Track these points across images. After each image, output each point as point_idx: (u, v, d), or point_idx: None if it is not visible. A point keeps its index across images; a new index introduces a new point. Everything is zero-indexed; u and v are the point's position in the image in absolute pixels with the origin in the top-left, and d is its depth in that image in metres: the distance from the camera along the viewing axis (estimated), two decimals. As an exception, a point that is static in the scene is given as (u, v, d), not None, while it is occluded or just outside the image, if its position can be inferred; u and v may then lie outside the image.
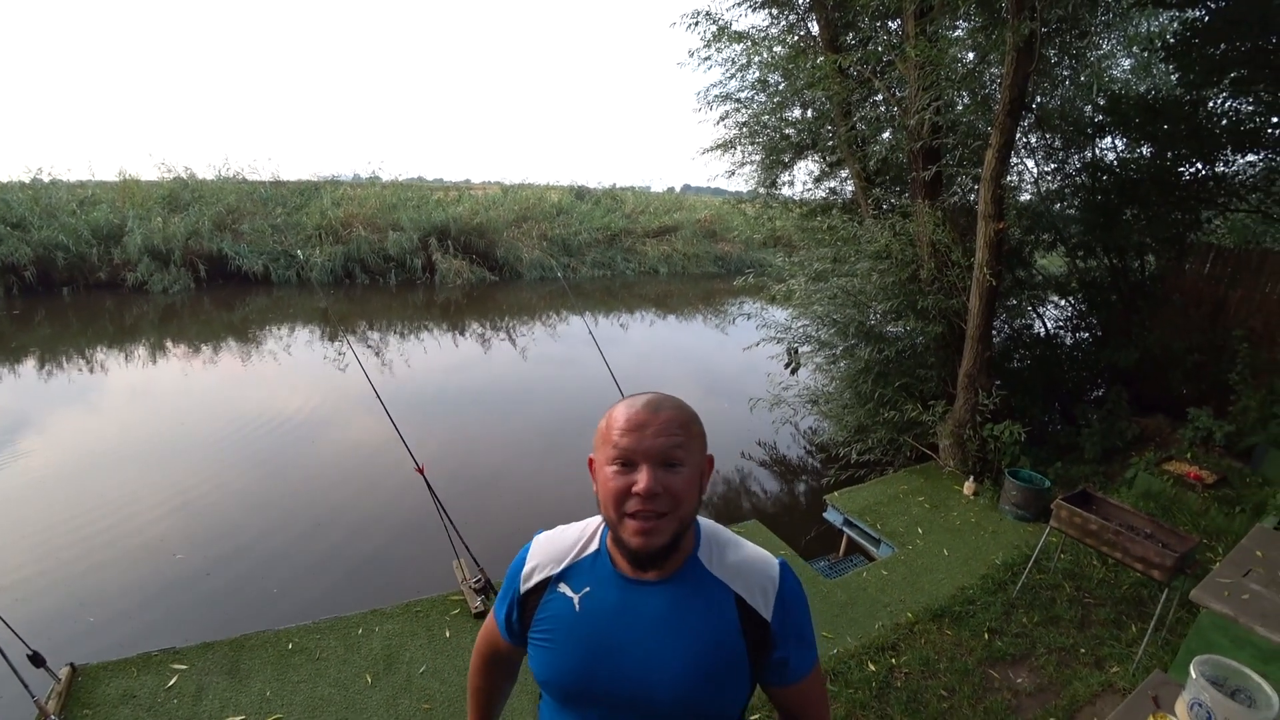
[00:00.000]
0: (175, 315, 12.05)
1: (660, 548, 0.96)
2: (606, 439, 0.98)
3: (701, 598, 1.03)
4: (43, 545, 4.61)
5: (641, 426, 0.96)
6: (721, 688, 1.02)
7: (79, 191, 15.01)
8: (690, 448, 0.98)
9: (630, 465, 0.95)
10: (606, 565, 1.05)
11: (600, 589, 1.04)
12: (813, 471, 6.79)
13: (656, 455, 0.95)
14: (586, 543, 1.09)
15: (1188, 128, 5.69)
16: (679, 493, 0.95)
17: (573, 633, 1.03)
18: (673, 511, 0.95)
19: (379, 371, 9.08)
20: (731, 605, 1.03)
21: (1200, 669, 1.75)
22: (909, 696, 2.99)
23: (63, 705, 2.73)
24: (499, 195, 20.11)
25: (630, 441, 0.95)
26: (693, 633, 1.01)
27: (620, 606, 1.02)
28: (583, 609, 1.03)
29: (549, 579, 1.07)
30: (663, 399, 1.01)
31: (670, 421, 0.97)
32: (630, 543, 0.96)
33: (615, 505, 0.96)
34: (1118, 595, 3.78)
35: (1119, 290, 6.72)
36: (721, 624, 1.02)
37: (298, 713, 2.81)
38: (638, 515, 0.94)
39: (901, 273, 5.70)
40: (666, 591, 1.02)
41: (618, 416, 0.99)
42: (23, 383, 8.22)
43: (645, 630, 1.01)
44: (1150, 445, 5.53)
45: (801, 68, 6.34)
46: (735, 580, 1.04)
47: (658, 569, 1.02)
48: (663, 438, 0.95)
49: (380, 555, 4.73)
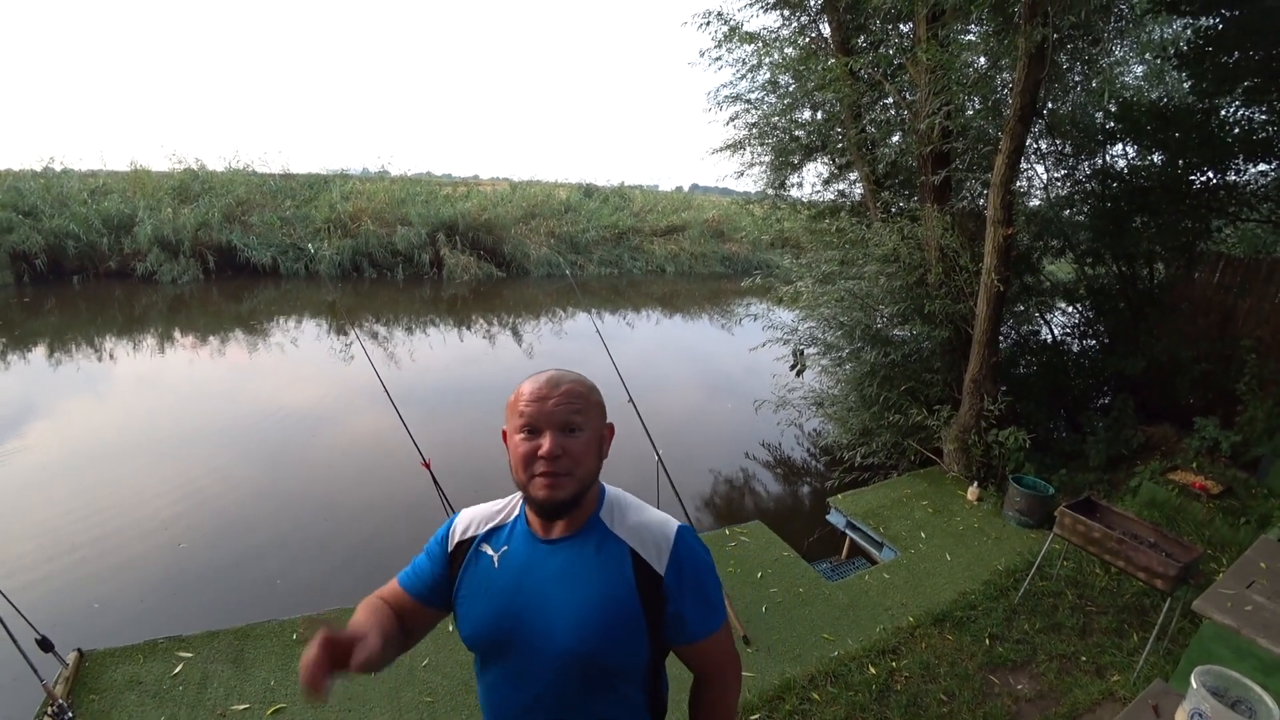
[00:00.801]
0: (184, 305, 12.12)
1: (563, 500, 1.07)
2: (515, 410, 1.10)
3: (601, 553, 1.13)
4: (50, 532, 4.66)
5: (544, 398, 1.08)
6: (617, 638, 1.10)
7: (90, 181, 15.13)
8: (588, 414, 1.11)
9: (535, 432, 1.07)
10: (523, 527, 1.18)
11: (516, 547, 1.16)
12: (816, 474, 6.79)
13: (557, 422, 1.07)
14: (509, 511, 1.22)
15: (1199, 136, 5.67)
16: (577, 454, 1.08)
17: (491, 586, 1.13)
18: (572, 471, 1.07)
19: (386, 365, 9.12)
20: (628, 560, 1.12)
21: (1201, 679, 1.75)
22: (909, 700, 2.99)
23: (70, 690, 2.77)
24: (507, 192, 20.14)
25: (534, 410, 1.07)
26: (591, 583, 1.10)
27: (530, 562, 1.13)
28: (500, 565, 1.15)
29: (474, 538, 1.19)
30: (563, 374, 1.13)
31: (568, 393, 1.10)
32: (537, 496, 1.07)
33: (524, 467, 1.07)
34: (1120, 604, 3.78)
35: (1127, 298, 6.69)
36: (617, 577, 1.11)
37: (301, 703, 2.83)
38: (543, 474, 1.06)
39: (909, 276, 5.70)
40: (570, 547, 1.13)
41: (524, 391, 1.11)
42: (32, 370, 8.29)
43: (550, 582, 1.11)
44: (1156, 454, 5.51)
45: (812, 69, 6.34)
46: (632, 538, 1.14)
47: (563, 522, 1.13)
48: (562, 406, 1.08)
49: (385, 548, 4.75)
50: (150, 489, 5.37)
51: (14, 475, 5.45)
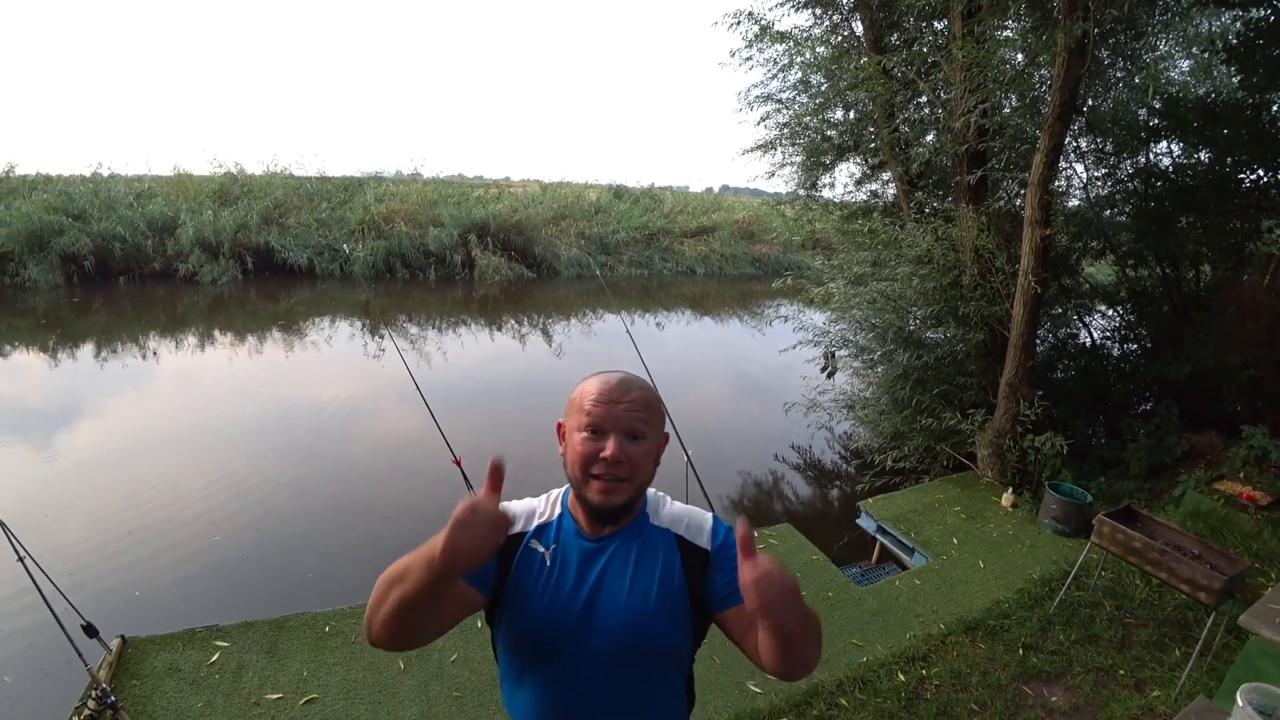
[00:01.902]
0: (223, 305, 12.45)
1: (618, 506, 1.08)
2: (580, 407, 1.09)
3: (647, 543, 1.15)
4: (96, 523, 4.82)
5: (614, 401, 1.07)
6: (668, 619, 1.11)
7: (136, 185, 15.63)
8: (652, 423, 1.11)
9: (599, 433, 1.06)
10: (571, 525, 1.17)
11: (565, 547, 1.15)
12: (846, 477, 6.71)
13: (624, 427, 1.06)
14: (550, 509, 1.21)
15: (1249, 132, 5.47)
16: (638, 461, 1.07)
17: (543, 586, 1.11)
18: (631, 478, 1.07)
19: (418, 364, 9.25)
20: (673, 544, 1.16)
21: (1248, 697, 1.69)
22: (939, 709, 2.94)
23: (113, 675, 2.86)
24: (538, 193, 20.28)
25: (603, 412, 1.06)
26: (641, 572, 1.12)
27: (581, 559, 1.13)
28: (551, 562, 1.13)
29: (523, 533, 1.17)
30: (633, 379, 1.13)
31: (638, 400, 1.09)
32: (593, 500, 1.07)
33: (583, 467, 1.07)
34: (1161, 617, 3.66)
35: (1171, 301, 6.49)
36: (665, 561, 1.14)
37: (333, 694, 2.89)
38: (602, 477, 1.06)
39: (943, 278, 5.60)
40: (618, 542, 1.14)
41: (591, 389, 1.10)
42: (81, 367, 8.59)
43: (602, 576, 1.11)
44: (1200, 463, 5.33)
45: (845, 68, 6.27)
46: (675, 525, 1.18)
47: (613, 524, 1.13)
48: (631, 413, 1.07)
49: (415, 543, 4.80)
50: (190, 483, 5.53)
51: (63, 468, 5.66)
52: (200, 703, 2.79)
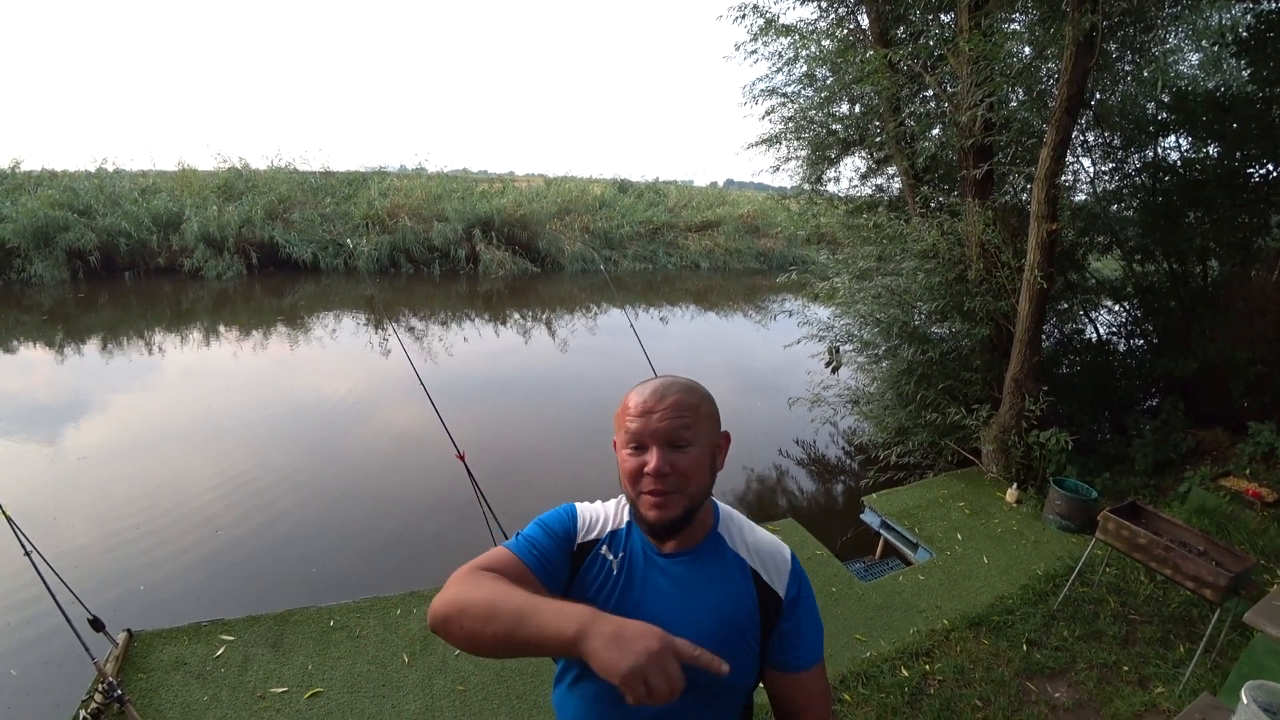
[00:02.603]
0: (228, 300, 12.49)
1: (673, 520, 1.02)
2: (621, 423, 1.06)
3: (722, 569, 1.10)
4: (101, 517, 4.85)
5: (650, 411, 1.02)
6: (733, 655, 1.02)
7: (140, 180, 15.68)
8: (698, 428, 1.03)
9: (642, 447, 1.02)
10: (639, 536, 1.12)
11: (632, 559, 1.10)
12: (851, 472, 6.70)
13: (664, 437, 1.01)
14: (619, 517, 1.16)
15: (1259, 126, 5.42)
16: (686, 471, 1.01)
17: (609, 595, 1.07)
18: (681, 489, 1.01)
19: (422, 359, 9.27)
20: (749, 579, 1.10)
21: (1253, 694, 1.68)
22: (942, 705, 2.94)
23: (120, 668, 2.88)
24: (542, 188, 20.28)
25: (639, 425, 1.02)
26: (713, 599, 1.07)
27: (649, 573, 1.09)
28: (619, 572, 1.09)
29: (598, 539, 1.12)
30: (670, 383, 1.06)
31: (676, 405, 1.02)
32: (646, 516, 1.02)
33: (631, 483, 1.03)
34: (1165, 613, 3.65)
35: (1178, 296, 6.45)
36: (740, 593, 1.09)
37: (337, 687, 2.90)
38: (650, 492, 1.01)
39: (948, 273, 5.58)
40: (691, 562, 1.09)
41: (630, 402, 1.06)
42: (87, 362, 8.63)
43: (671, 595, 1.07)
44: (1206, 459, 5.31)
45: (850, 62, 6.23)
46: (753, 557, 1.12)
47: (674, 540, 1.08)
48: (668, 421, 1.01)
49: (420, 538, 4.84)
50: (195, 477, 5.55)
51: (69, 463, 5.68)
52: (206, 696, 2.80)
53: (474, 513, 3.69)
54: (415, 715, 2.79)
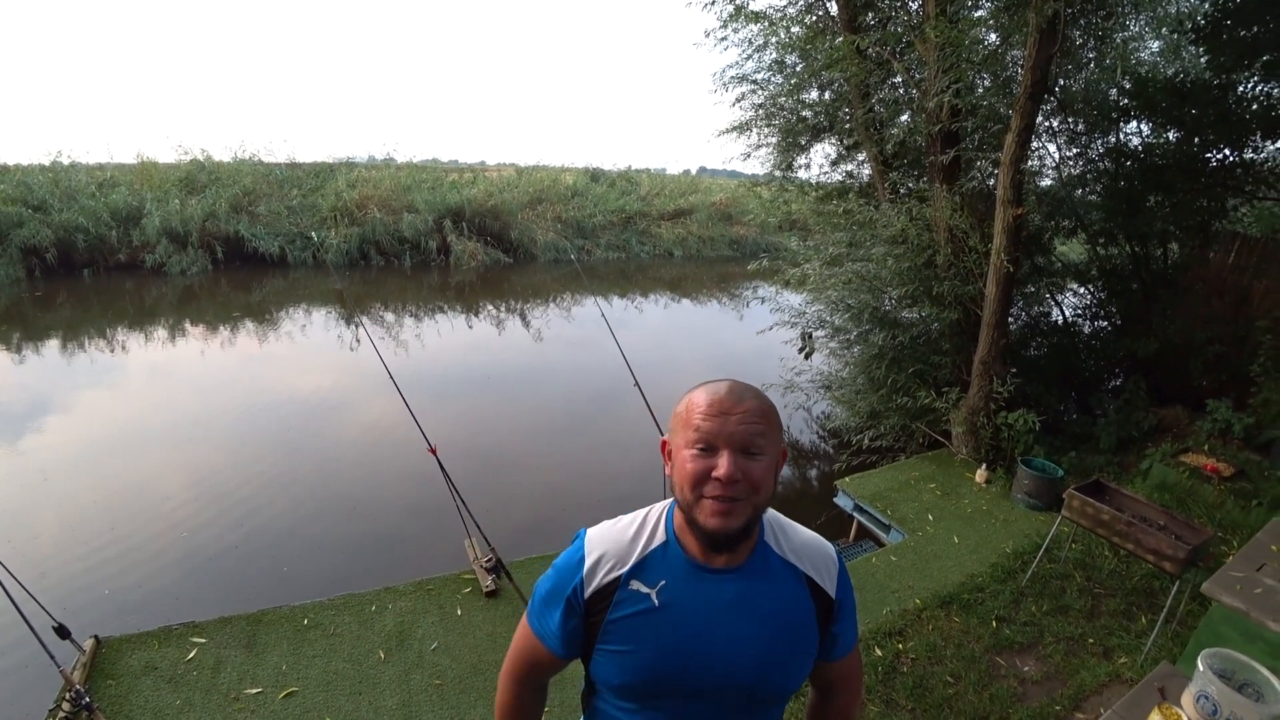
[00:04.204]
0: (193, 297, 12.19)
1: (736, 530, 0.95)
2: (688, 422, 0.98)
3: (776, 580, 1.06)
4: (64, 522, 4.73)
5: (725, 413, 0.96)
6: (796, 664, 1.06)
7: (98, 174, 15.14)
8: (769, 438, 0.98)
9: (711, 450, 0.95)
10: (679, 554, 1.04)
11: (676, 580, 1.02)
12: (824, 456, 6.78)
13: (738, 442, 0.94)
14: (651, 534, 1.07)
15: (1216, 113, 5.55)
16: (757, 480, 0.95)
17: (655, 629, 1.01)
18: (749, 497, 0.95)
19: (393, 353, 9.15)
20: (804, 586, 1.07)
21: (1208, 662, 1.74)
22: (915, 682, 3.00)
23: (87, 676, 2.82)
24: (514, 177, 20.05)
25: (713, 426, 0.95)
26: (772, 614, 1.03)
27: (699, 595, 1.02)
28: (662, 603, 1.01)
29: (619, 578, 1.03)
30: (745, 387, 1.01)
31: (753, 410, 0.97)
32: (707, 524, 0.95)
33: (693, 487, 0.95)
34: (1128, 586, 3.77)
35: (1140, 278, 6.61)
36: (797, 603, 1.06)
37: (313, 686, 2.87)
38: (717, 498, 0.94)
39: (917, 258, 5.64)
40: (743, 577, 1.03)
41: (699, 401, 0.98)
42: (46, 363, 8.37)
43: (727, 616, 1.01)
44: (1167, 437, 5.47)
45: (819, 48, 6.25)
46: (803, 562, 1.08)
47: (730, 553, 1.02)
48: (745, 425, 0.95)
49: (393, 534, 4.80)
50: (162, 479, 5.43)
51: (29, 467, 5.52)
52: (178, 700, 2.76)
53: (448, 506, 3.66)
54: (393, 711, 2.78)
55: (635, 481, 5.72)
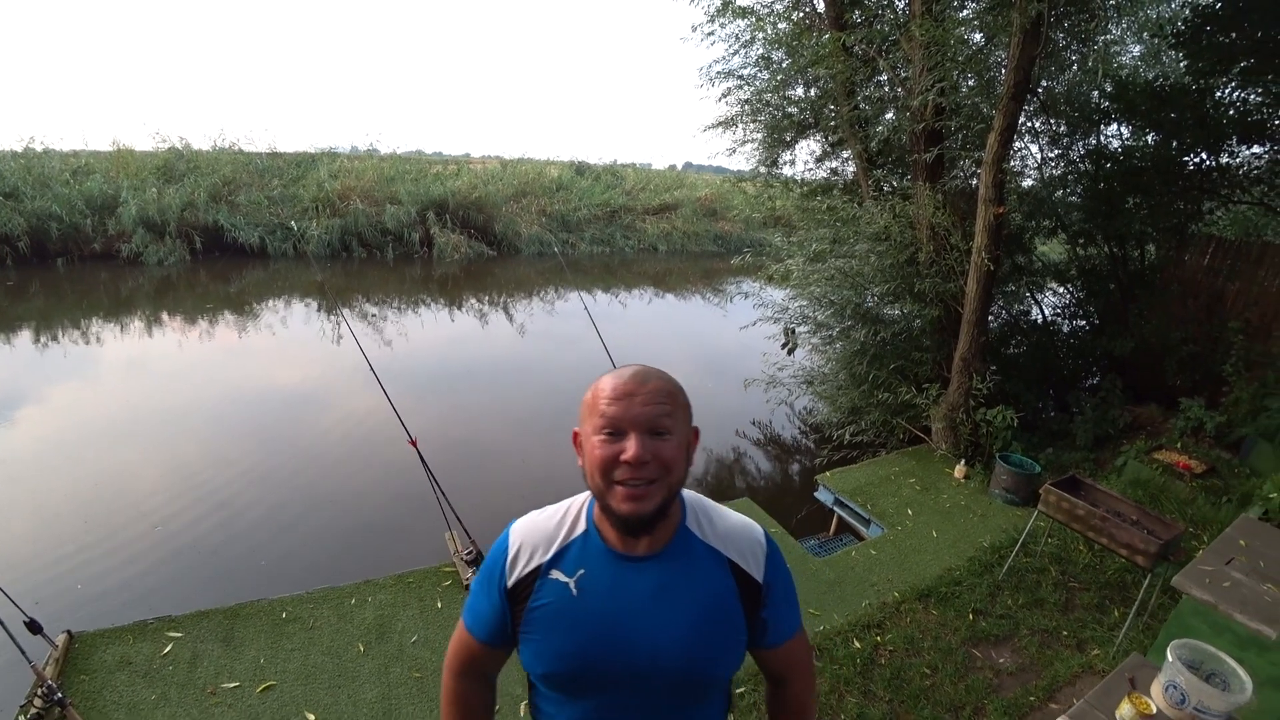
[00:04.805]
0: (171, 288, 11.99)
1: (650, 513, 0.95)
2: (594, 409, 0.98)
3: (698, 566, 1.05)
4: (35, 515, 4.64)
5: (629, 395, 0.95)
6: (723, 651, 1.05)
7: (72, 161, 14.80)
8: (677, 417, 0.98)
9: (618, 434, 0.94)
10: (598, 543, 1.04)
11: (596, 568, 1.03)
12: (806, 451, 6.83)
13: (644, 423, 0.94)
14: (572, 524, 1.07)
15: (1194, 117, 5.64)
16: (667, 460, 0.95)
17: (573, 617, 1.01)
18: (661, 479, 0.95)
19: (375, 346, 9.07)
20: (727, 570, 1.06)
21: (1177, 653, 1.78)
22: (892, 673, 3.04)
23: (60, 671, 2.77)
24: (498, 170, 19.94)
25: (618, 410, 0.95)
26: (694, 600, 1.03)
27: (619, 583, 1.02)
28: (580, 591, 1.01)
29: (539, 567, 1.04)
30: (649, 370, 1.00)
31: (658, 391, 0.97)
32: (620, 509, 0.95)
33: (604, 473, 0.95)
34: (1102, 580, 3.83)
35: (1118, 279, 6.71)
36: (720, 588, 1.05)
37: (291, 680, 2.85)
38: (627, 482, 0.93)
39: (900, 255, 5.69)
40: (664, 563, 1.03)
41: (605, 386, 0.98)
42: (17, 354, 8.20)
43: (647, 603, 1.01)
44: (1142, 434, 5.57)
45: (805, 45, 6.26)
46: (728, 547, 1.07)
47: (648, 536, 1.01)
48: (650, 406, 0.95)
49: (373, 527, 4.77)
50: (138, 473, 5.35)
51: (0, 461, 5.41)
52: (154, 695, 2.72)
53: (428, 499, 3.65)
54: (372, 704, 2.76)
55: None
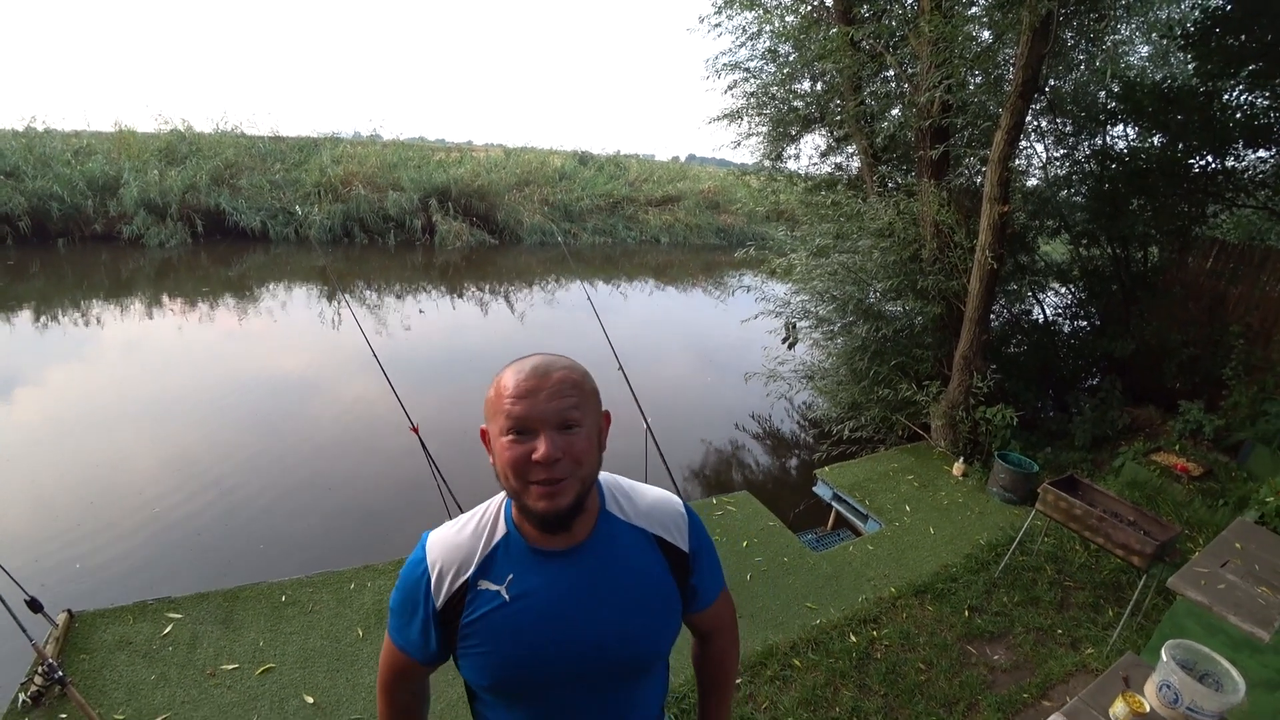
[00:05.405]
0: (172, 270, 11.97)
1: (566, 509, 0.93)
2: (498, 408, 0.94)
3: (625, 547, 1.05)
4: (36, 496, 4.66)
5: (533, 392, 0.92)
6: (663, 626, 1.07)
7: (74, 141, 14.75)
8: (585, 407, 0.96)
9: (527, 433, 0.91)
10: (520, 544, 1.02)
11: (524, 571, 1.00)
12: (805, 446, 6.84)
13: (552, 419, 0.91)
14: (491, 530, 1.04)
15: (1201, 119, 5.62)
16: (579, 454, 0.93)
17: (512, 624, 0.98)
18: (574, 474, 0.93)
19: (376, 332, 9.07)
20: (654, 545, 1.07)
21: (1171, 652, 1.80)
22: (888, 668, 3.06)
23: (60, 650, 2.79)
24: (501, 158, 19.86)
25: (524, 408, 0.91)
26: (628, 582, 1.03)
27: (550, 581, 1.00)
28: (513, 597, 0.99)
29: (466, 581, 1.00)
30: (551, 360, 0.97)
31: (562, 382, 0.94)
32: (536, 508, 0.93)
33: (516, 474, 0.92)
34: (1097, 580, 3.86)
35: (1120, 280, 6.71)
36: (650, 565, 1.06)
37: (290, 663, 2.87)
38: (541, 482, 0.91)
39: (903, 252, 5.69)
40: (590, 552, 1.02)
41: (507, 384, 0.94)
42: (17, 335, 8.20)
43: (583, 595, 1.00)
44: (1140, 435, 5.58)
45: (813, 39, 6.25)
46: (651, 523, 1.08)
47: (566, 530, 0.99)
48: (556, 400, 0.92)
49: (373, 512, 4.78)
50: (138, 455, 5.36)
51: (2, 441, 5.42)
52: (153, 675, 2.74)
53: (429, 486, 3.65)
54: (370, 688, 2.77)
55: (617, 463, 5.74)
